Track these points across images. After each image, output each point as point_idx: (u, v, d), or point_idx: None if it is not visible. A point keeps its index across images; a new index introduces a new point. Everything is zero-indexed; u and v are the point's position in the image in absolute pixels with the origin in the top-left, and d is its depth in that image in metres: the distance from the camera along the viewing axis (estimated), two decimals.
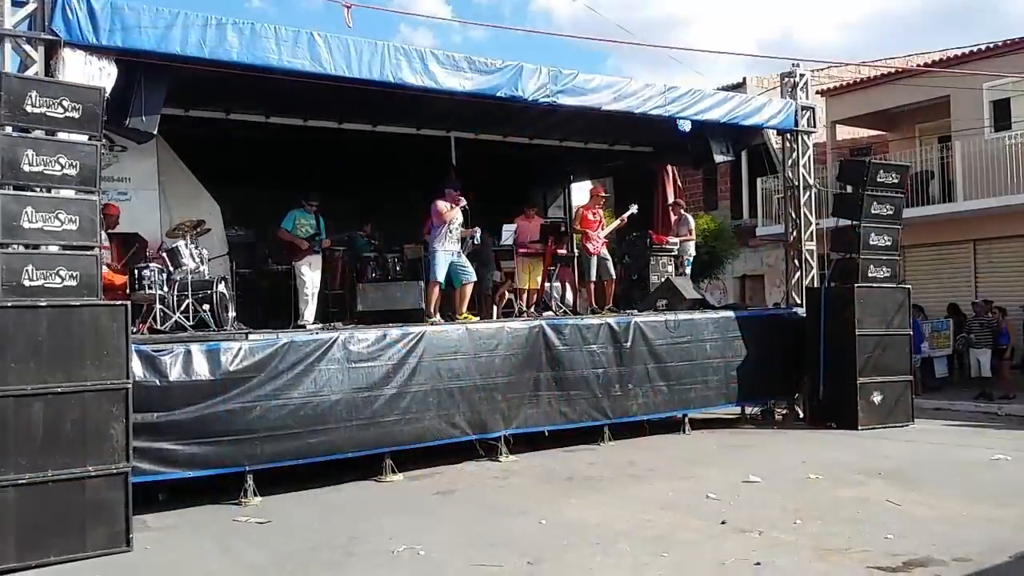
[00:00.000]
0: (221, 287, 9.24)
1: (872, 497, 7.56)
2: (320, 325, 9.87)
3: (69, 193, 6.59)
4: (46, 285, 6.33)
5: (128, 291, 8.67)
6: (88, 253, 6.60)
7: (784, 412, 12.56)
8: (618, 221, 12.50)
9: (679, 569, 5.80)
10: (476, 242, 11.02)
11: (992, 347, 14.63)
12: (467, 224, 10.58)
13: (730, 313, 12.12)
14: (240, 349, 8.03)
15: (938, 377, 15.64)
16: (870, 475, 8.46)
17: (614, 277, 12.11)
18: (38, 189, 6.46)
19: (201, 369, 7.75)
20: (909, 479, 8.27)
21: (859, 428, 11.03)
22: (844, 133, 21.23)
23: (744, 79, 21.19)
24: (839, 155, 19.27)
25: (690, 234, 13.73)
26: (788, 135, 13.06)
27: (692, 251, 13.83)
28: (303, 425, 8.24)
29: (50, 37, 7.27)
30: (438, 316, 10.12)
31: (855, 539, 6.26)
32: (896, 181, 11.81)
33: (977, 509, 7.06)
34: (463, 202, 10.32)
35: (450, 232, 10.24)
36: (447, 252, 10.22)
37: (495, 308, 11.92)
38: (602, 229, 11.99)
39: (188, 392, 7.65)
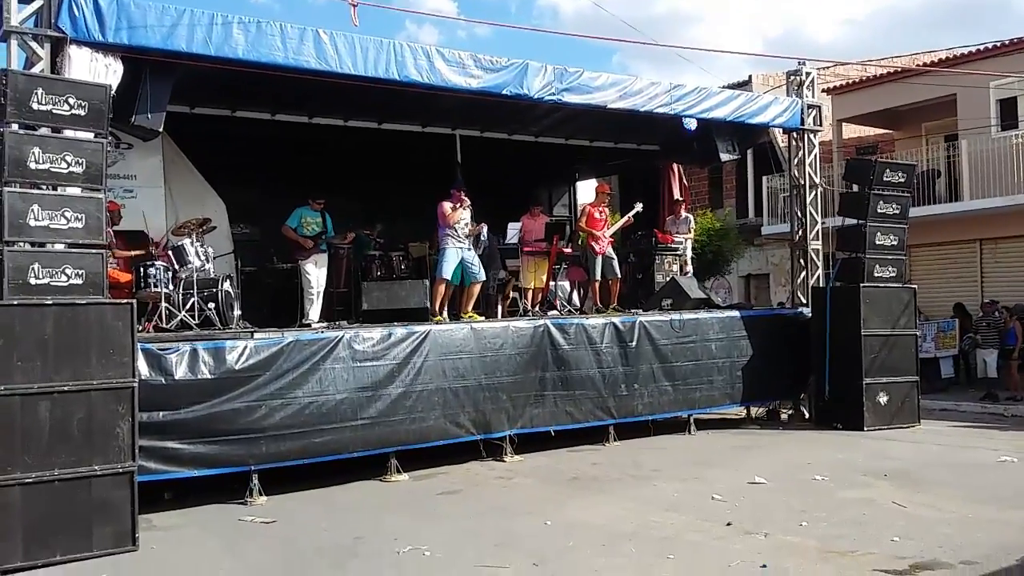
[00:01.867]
0: (226, 285, 9.24)
1: (878, 499, 7.53)
2: (325, 324, 9.86)
3: (75, 191, 6.58)
4: (52, 283, 6.32)
5: (134, 289, 8.67)
6: (94, 251, 6.59)
7: (790, 412, 12.54)
8: (624, 219, 12.47)
9: (685, 571, 5.78)
10: (484, 238, 10.99)
11: (999, 348, 14.59)
12: (475, 220, 10.57)
13: (735, 313, 12.10)
14: (245, 348, 8.02)
15: (944, 378, 15.59)
16: (876, 476, 8.43)
17: (619, 276, 12.08)
18: (44, 187, 6.44)
19: (206, 368, 7.73)
20: (915, 480, 8.25)
21: (865, 429, 11.01)
22: (850, 132, 21.18)
23: (750, 77, 21.17)
24: (845, 154, 19.27)
25: (689, 232, 13.69)
26: (794, 133, 13.03)
27: (689, 251, 13.77)
28: (308, 424, 8.22)
29: (56, 34, 7.25)
30: (444, 314, 10.10)
31: (861, 541, 6.24)
32: (903, 180, 11.76)
33: (984, 511, 7.04)
34: (467, 201, 10.31)
35: (456, 231, 10.24)
36: (457, 248, 10.21)
37: (500, 307, 11.90)
38: (608, 228, 11.96)
39: (193, 391, 7.64)
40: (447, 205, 10.18)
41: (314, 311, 10.26)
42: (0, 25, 7.12)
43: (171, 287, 8.81)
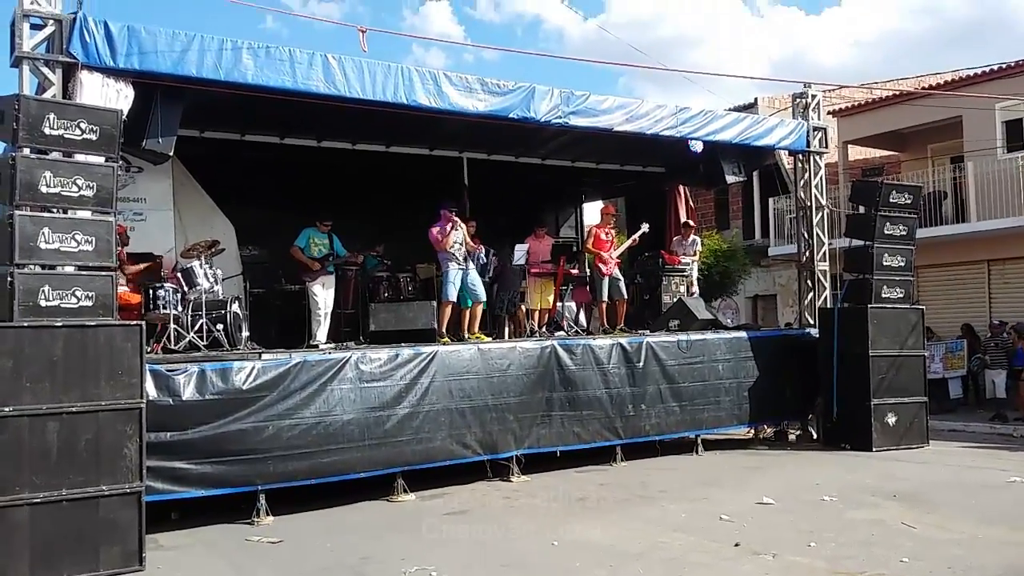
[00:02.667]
0: (235, 307, 9.30)
1: (887, 519, 7.49)
2: (332, 345, 9.90)
3: (86, 214, 6.64)
4: (62, 305, 6.37)
5: (143, 311, 8.73)
6: (103, 273, 6.65)
7: (797, 433, 12.49)
8: (630, 240, 12.52)
9: None
10: (483, 260, 11.02)
11: (1007, 368, 14.53)
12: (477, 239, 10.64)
13: (743, 333, 12.08)
14: (253, 369, 8.06)
15: (952, 398, 15.51)
16: (885, 497, 8.39)
17: (626, 297, 12.09)
18: (55, 210, 6.50)
19: (214, 388, 7.77)
20: (924, 501, 8.20)
21: (873, 449, 10.95)
22: (856, 153, 21.23)
23: (756, 99, 21.26)
24: (851, 175, 19.30)
25: (696, 254, 13.71)
26: (800, 155, 13.08)
27: (696, 272, 13.77)
28: (315, 444, 8.24)
29: (68, 60, 7.35)
30: (447, 336, 10.12)
31: (870, 562, 6.20)
32: (909, 202, 11.77)
33: (993, 532, 7.00)
34: (458, 220, 10.37)
35: (454, 254, 10.31)
36: (458, 270, 10.28)
37: (507, 328, 11.92)
38: (614, 249, 12.00)
39: (201, 411, 7.67)
40: (435, 230, 10.28)
41: (322, 332, 10.31)
42: (12, 51, 7.24)
43: (180, 309, 8.87)
